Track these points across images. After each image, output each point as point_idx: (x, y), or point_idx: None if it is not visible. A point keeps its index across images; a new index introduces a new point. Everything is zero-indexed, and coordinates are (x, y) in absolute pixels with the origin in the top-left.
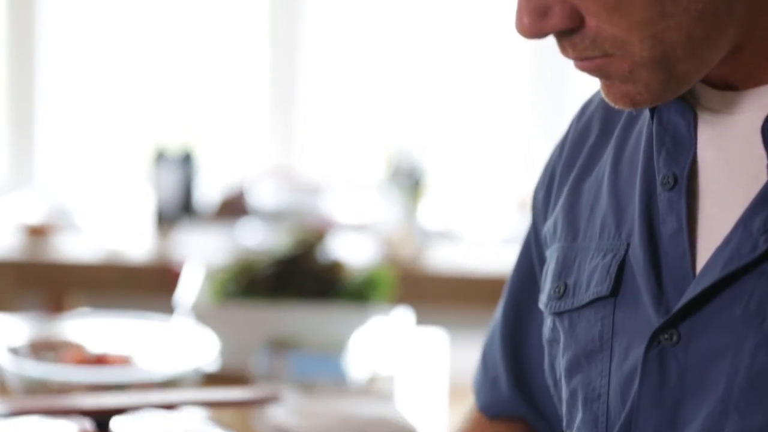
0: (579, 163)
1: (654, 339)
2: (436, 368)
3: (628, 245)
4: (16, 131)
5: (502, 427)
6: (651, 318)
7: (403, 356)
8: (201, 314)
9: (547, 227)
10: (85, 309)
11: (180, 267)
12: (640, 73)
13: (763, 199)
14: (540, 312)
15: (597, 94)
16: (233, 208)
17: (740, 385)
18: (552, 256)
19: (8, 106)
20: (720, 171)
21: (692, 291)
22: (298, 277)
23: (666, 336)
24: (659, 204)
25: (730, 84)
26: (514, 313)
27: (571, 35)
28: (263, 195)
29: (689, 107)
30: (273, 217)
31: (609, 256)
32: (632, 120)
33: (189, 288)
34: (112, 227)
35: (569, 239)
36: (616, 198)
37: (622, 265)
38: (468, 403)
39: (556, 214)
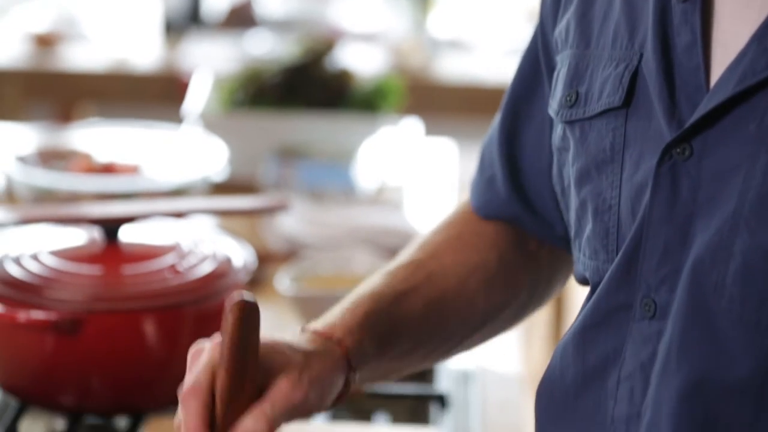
0: None
1: (666, 153)
2: (445, 178)
3: (641, 56)
4: None
5: (490, 227)
6: (663, 131)
7: (412, 166)
8: (209, 123)
9: (559, 31)
10: (94, 118)
11: (188, 76)
12: None
13: None
14: (538, 113)
15: None
16: (241, 16)
17: (751, 202)
18: (563, 62)
19: None
20: None
21: (705, 106)
22: (306, 85)
23: (678, 150)
24: (673, 16)
25: None
26: (513, 113)
27: None
28: (271, 3)
29: None
30: (281, 26)
31: (621, 66)
32: None
33: (197, 97)
34: (120, 36)
35: (582, 46)
36: (629, 6)
37: (635, 76)
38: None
39: (569, 19)
